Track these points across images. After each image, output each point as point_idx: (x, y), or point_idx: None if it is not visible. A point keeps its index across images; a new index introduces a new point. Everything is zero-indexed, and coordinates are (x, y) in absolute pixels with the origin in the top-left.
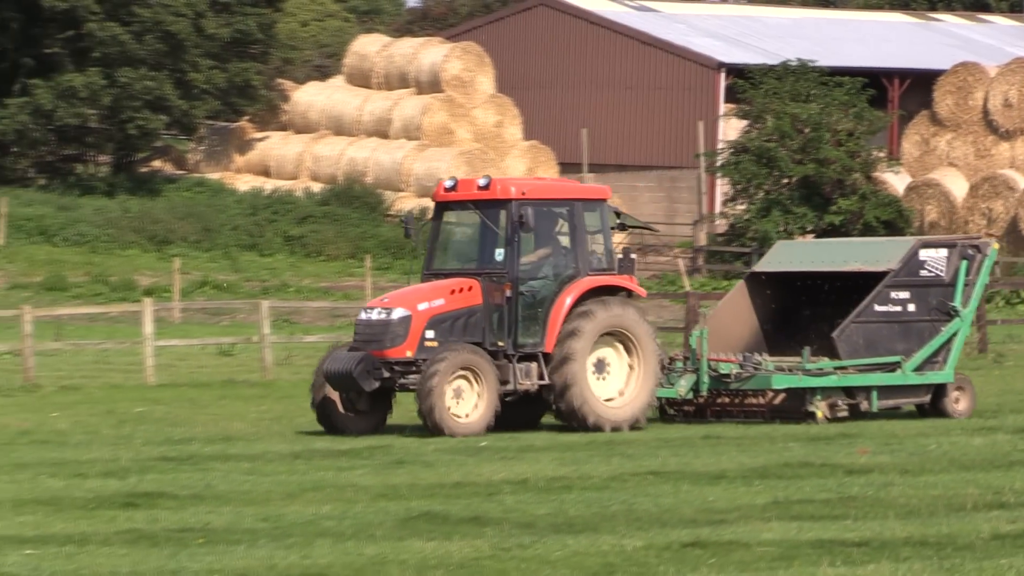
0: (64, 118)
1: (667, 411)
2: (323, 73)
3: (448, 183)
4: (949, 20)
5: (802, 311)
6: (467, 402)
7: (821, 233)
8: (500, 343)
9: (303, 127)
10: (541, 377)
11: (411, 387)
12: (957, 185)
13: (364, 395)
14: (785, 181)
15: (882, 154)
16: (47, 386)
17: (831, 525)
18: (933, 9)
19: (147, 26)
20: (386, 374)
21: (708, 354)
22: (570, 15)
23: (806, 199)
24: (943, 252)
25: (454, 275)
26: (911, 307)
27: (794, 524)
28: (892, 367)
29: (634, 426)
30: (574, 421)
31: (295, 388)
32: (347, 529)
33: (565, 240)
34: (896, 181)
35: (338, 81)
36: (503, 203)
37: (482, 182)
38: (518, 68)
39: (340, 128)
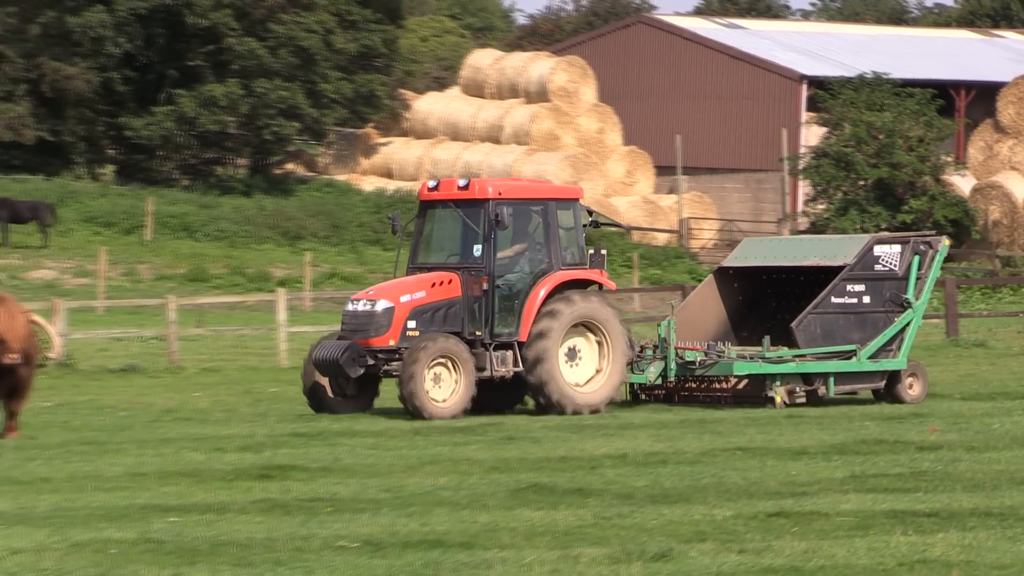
0: (206, 125)
1: (640, 395)
2: (441, 84)
3: (431, 183)
4: (1011, 36)
5: (767, 303)
6: (445, 387)
7: (894, 230)
8: (478, 332)
9: (423, 133)
10: (516, 364)
11: (394, 373)
12: (1018, 187)
13: (351, 380)
14: (861, 183)
15: (949, 159)
16: (189, 368)
17: (903, 497)
18: (996, 26)
19: (281, 41)
20: (370, 361)
21: (675, 343)
22: (665, 31)
23: (881, 199)
24: (896, 248)
25: (436, 269)
26: (866, 299)
27: (870, 496)
28: (848, 355)
29: (599, 408)
30: (553, 411)
31: None
32: (462, 499)
33: (540, 237)
34: (962, 183)
35: (455, 91)
36: (481, 202)
37: (462, 183)
38: (618, 80)
39: (456, 134)
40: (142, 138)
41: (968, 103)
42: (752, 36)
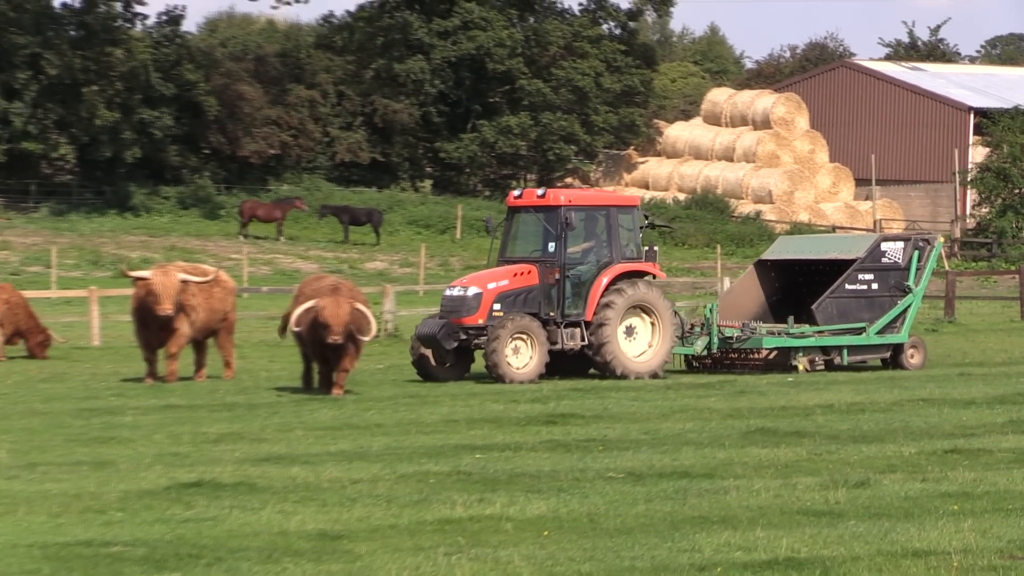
0: (502, 148)
1: (693, 364)
2: (686, 115)
3: (516, 193)
4: None
5: (799, 289)
6: (523, 357)
7: None
8: (551, 313)
9: (672, 154)
10: (583, 339)
11: (482, 346)
12: None
13: (449, 352)
14: (1016, 191)
15: None
16: None
17: None
18: None
19: (561, 82)
20: (463, 336)
21: (717, 322)
22: (863, 73)
23: None
24: (900, 244)
25: (520, 262)
26: (875, 285)
27: None
28: (859, 331)
29: (656, 375)
30: (608, 372)
31: None
32: (704, 440)
33: (604, 236)
34: None
35: (697, 121)
36: (555, 208)
37: (539, 192)
38: (826, 111)
39: (698, 154)
40: (453, 159)
41: None
42: (930, 76)
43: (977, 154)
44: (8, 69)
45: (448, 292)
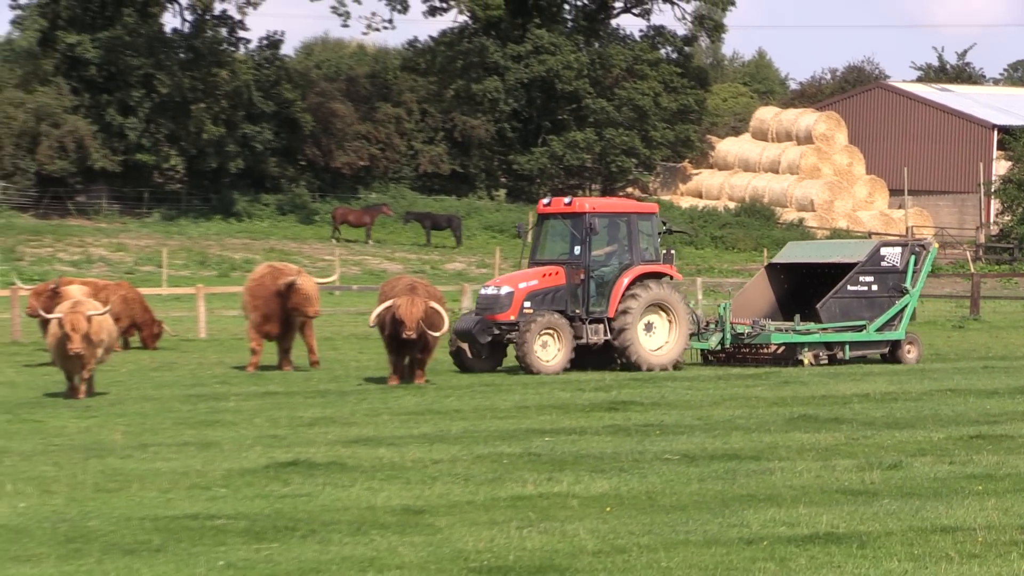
0: (570, 161)
1: (708, 358)
2: (736, 131)
3: (545, 201)
4: None
5: (806, 290)
6: (550, 351)
7: None
8: (577, 310)
9: (723, 166)
10: (606, 334)
11: (513, 340)
12: None
13: (483, 346)
14: None
15: None
16: None
17: None
18: None
19: (623, 101)
20: (496, 332)
21: (730, 319)
22: (896, 94)
23: None
24: (898, 249)
25: (548, 264)
26: (874, 287)
27: None
28: (860, 328)
29: (675, 366)
30: (624, 358)
31: None
32: (752, 425)
33: (625, 240)
34: None
35: (746, 136)
36: (580, 215)
37: (566, 200)
38: (863, 127)
39: (747, 167)
40: (525, 170)
41: None
42: (958, 96)
43: (1000, 167)
44: (124, 88)
45: (483, 291)
